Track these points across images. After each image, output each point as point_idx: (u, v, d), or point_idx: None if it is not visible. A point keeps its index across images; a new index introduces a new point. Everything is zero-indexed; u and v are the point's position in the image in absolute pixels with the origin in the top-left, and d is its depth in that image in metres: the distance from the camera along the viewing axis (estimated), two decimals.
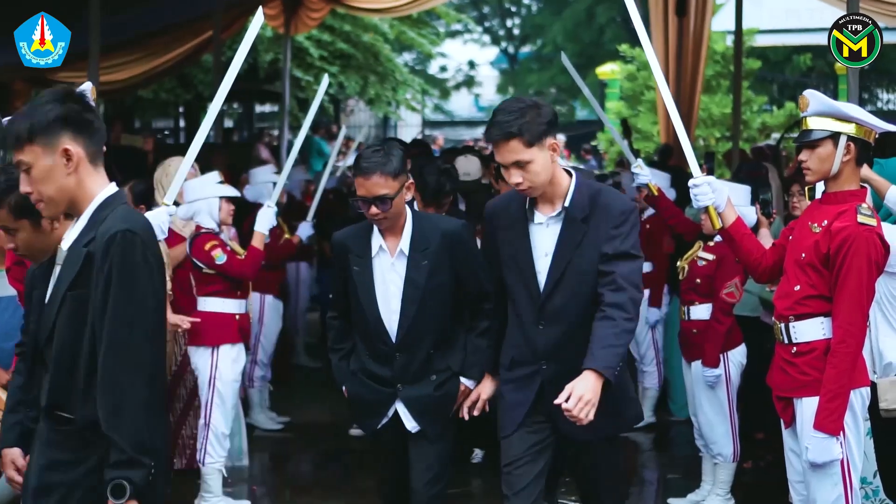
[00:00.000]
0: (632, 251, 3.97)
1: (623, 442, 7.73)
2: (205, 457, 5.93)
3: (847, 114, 4.12)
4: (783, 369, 4.24)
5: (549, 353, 4.04)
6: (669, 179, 8.08)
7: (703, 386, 5.90)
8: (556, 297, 4.00)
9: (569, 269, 3.97)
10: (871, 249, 4.04)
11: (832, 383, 4.03)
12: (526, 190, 3.97)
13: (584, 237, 3.97)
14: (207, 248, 5.86)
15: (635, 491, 6.94)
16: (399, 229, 4.35)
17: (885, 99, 21.62)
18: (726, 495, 6.01)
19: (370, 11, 13.45)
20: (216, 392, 5.93)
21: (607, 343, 3.82)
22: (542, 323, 4.03)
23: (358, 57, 17.40)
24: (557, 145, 3.98)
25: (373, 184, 4.23)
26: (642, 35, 4.41)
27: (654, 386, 8.11)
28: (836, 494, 4.10)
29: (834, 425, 4.02)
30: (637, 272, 3.97)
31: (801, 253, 4.17)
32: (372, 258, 4.36)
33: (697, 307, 5.96)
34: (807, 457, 4.10)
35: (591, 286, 3.95)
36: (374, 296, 4.34)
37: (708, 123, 16.75)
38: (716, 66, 17.09)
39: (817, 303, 4.14)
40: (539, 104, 3.97)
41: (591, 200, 3.99)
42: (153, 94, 16.52)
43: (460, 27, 30.38)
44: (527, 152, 3.89)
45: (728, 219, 4.37)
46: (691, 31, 12.38)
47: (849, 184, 4.17)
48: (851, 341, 4.05)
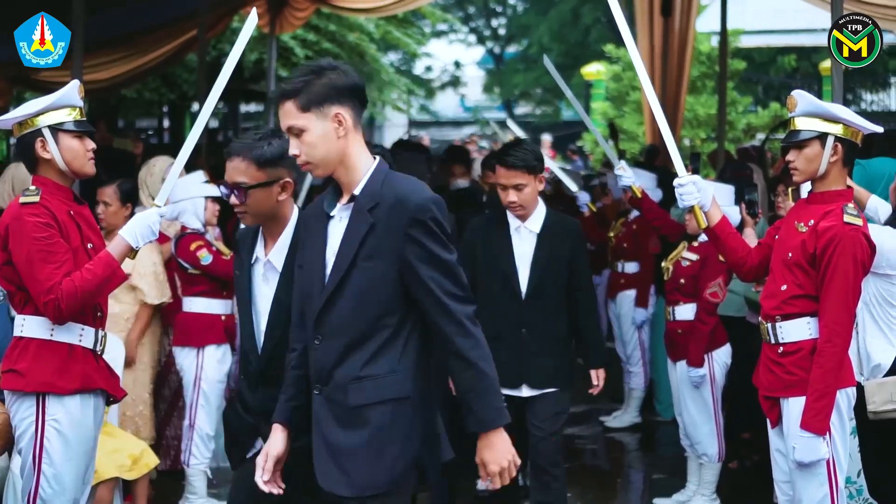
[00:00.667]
0: None
1: (609, 442, 7.82)
2: (189, 458, 5.91)
3: (835, 114, 4.13)
4: (770, 369, 4.24)
5: (324, 375, 3.28)
6: (655, 180, 8.10)
7: (689, 386, 5.90)
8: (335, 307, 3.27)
9: None
10: (857, 249, 4.05)
11: (819, 383, 4.04)
12: (303, 166, 3.30)
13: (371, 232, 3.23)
14: (193, 249, 5.83)
15: (621, 491, 6.95)
16: (276, 235, 3.73)
17: (868, 100, 21.68)
18: (711, 495, 6.01)
19: (355, 11, 13.41)
20: (201, 393, 5.91)
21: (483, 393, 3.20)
22: (317, 338, 3.31)
23: (343, 57, 17.33)
24: (345, 118, 3.25)
25: (232, 167, 3.68)
26: (627, 36, 4.39)
27: (640, 386, 8.12)
28: (821, 494, 4.11)
29: (821, 425, 4.03)
30: None
31: (788, 252, 4.18)
32: (251, 265, 3.76)
33: (682, 307, 5.97)
34: (794, 456, 4.10)
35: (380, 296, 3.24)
36: (248, 310, 3.73)
37: (693, 124, 16.78)
38: (701, 67, 17.12)
39: (804, 302, 4.14)
40: (339, 68, 3.30)
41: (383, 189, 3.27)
42: (137, 94, 16.46)
43: (446, 27, 30.38)
44: (301, 117, 3.24)
45: (713, 218, 4.37)
46: (676, 32, 12.40)
47: (836, 184, 4.18)
48: (838, 340, 4.05)
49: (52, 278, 3.90)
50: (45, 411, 4.02)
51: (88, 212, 4.24)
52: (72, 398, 4.06)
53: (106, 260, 4.01)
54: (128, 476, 5.37)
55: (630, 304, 8.02)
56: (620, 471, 7.39)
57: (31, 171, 4.13)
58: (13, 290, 4.08)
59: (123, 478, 5.36)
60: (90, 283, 3.95)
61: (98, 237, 4.24)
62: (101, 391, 4.19)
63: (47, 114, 4.05)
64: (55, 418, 4.03)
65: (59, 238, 3.98)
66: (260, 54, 15.51)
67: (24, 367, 4.02)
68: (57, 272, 3.92)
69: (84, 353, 4.10)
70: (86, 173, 4.16)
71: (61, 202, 4.06)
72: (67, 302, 3.92)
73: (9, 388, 4.06)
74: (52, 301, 3.90)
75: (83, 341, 4.09)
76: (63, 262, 3.96)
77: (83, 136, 4.11)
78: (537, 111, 32.09)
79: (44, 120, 4.04)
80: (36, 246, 3.92)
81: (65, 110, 4.07)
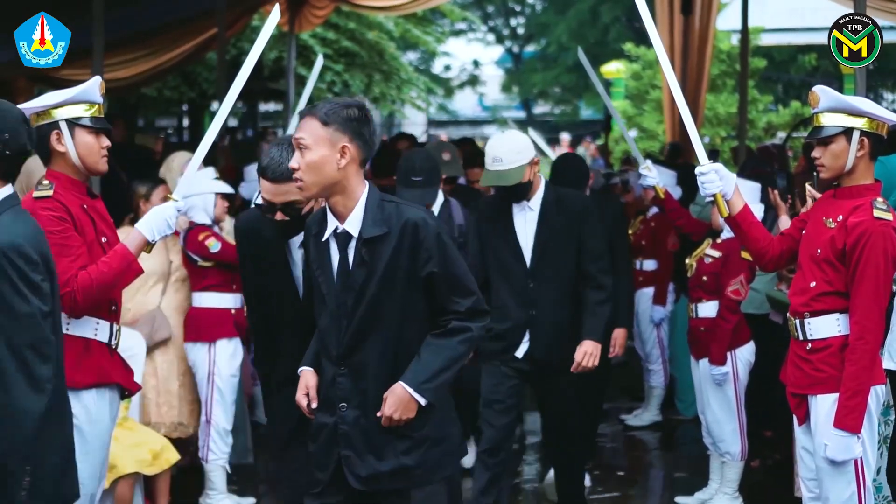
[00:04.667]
0: None
1: (630, 440, 7.79)
2: (208, 454, 5.91)
3: (859, 108, 4.07)
4: (798, 366, 4.20)
5: None
6: (675, 177, 8.07)
7: (711, 384, 5.87)
8: None
9: None
10: (887, 244, 3.99)
11: (852, 381, 3.99)
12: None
13: None
14: (201, 239, 5.83)
15: (642, 490, 6.92)
16: None
17: (889, 99, 21.57)
18: (734, 494, 5.98)
19: (375, 9, 13.41)
20: (216, 388, 5.90)
21: None
22: None
23: (362, 55, 17.37)
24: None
25: None
26: (651, 30, 4.37)
27: (660, 384, 8.08)
28: (849, 492, 4.07)
29: (854, 423, 3.98)
30: None
31: (817, 248, 4.13)
32: None
33: (704, 304, 5.93)
34: (825, 454, 4.05)
35: None
36: None
37: (713, 122, 16.72)
38: (721, 65, 17.06)
39: (833, 299, 4.09)
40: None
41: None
42: (157, 92, 16.49)
43: (465, 26, 30.38)
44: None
45: (735, 207, 4.32)
46: (696, 30, 12.35)
47: (863, 178, 4.12)
48: (870, 337, 4.00)
49: (68, 271, 3.90)
50: None
51: (102, 206, 4.24)
52: (87, 392, 4.05)
53: (122, 253, 4.02)
54: (148, 471, 5.37)
55: (648, 301, 7.99)
56: (641, 469, 7.36)
57: (45, 163, 4.13)
58: None
59: (143, 473, 5.37)
60: (106, 276, 3.95)
61: (112, 231, 4.23)
62: (116, 385, 4.18)
63: (65, 107, 4.04)
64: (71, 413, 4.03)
65: (73, 232, 3.98)
66: (279, 53, 15.52)
67: None
68: (72, 265, 3.92)
69: (99, 347, 4.10)
70: (98, 171, 4.15)
71: (75, 196, 4.06)
72: (83, 294, 3.92)
73: None
74: (68, 294, 3.89)
75: (98, 335, 4.09)
76: (78, 255, 3.96)
77: (99, 133, 4.10)
78: (556, 110, 32.07)
79: (61, 113, 4.04)
80: (51, 240, 3.90)
81: (83, 105, 4.07)
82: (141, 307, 6.03)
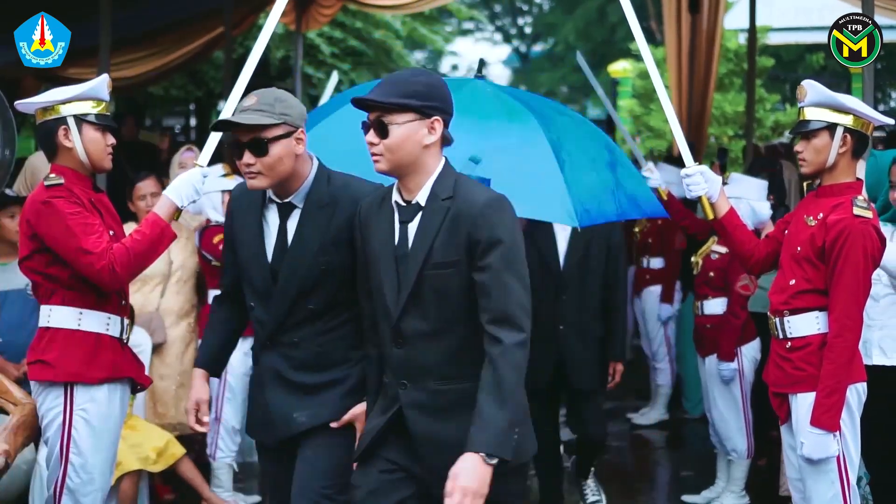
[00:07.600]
0: None
1: (637, 439, 7.78)
2: (216, 451, 5.91)
3: (845, 105, 4.07)
4: (778, 365, 4.18)
5: None
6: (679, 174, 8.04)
7: (718, 382, 5.86)
8: None
9: None
10: (867, 242, 3.98)
11: (829, 378, 3.97)
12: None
13: None
14: (215, 242, 5.84)
15: (648, 488, 6.92)
16: None
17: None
18: (741, 492, 5.97)
19: (382, 8, 13.40)
20: (227, 386, 5.91)
21: None
22: None
23: (369, 54, 17.37)
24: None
25: None
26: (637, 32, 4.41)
27: (667, 383, 8.07)
28: (832, 492, 4.03)
29: (831, 421, 3.95)
30: None
31: (797, 247, 4.11)
32: None
33: (711, 301, 5.93)
34: (802, 452, 4.02)
35: None
36: None
37: (721, 121, 16.69)
38: (728, 64, 17.02)
39: (812, 297, 4.07)
40: None
41: None
42: (164, 91, 16.51)
43: (472, 25, 30.37)
44: None
45: (721, 209, 4.32)
46: (704, 29, 12.32)
47: (845, 176, 4.11)
48: (848, 335, 3.98)
49: (100, 244, 3.89)
50: (74, 401, 4.02)
51: (108, 200, 4.25)
52: (99, 387, 4.06)
53: (153, 219, 3.99)
54: (153, 468, 5.39)
55: (655, 300, 7.99)
56: (648, 468, 7.35)
57: (50, 158, 4.13)
58: (39, 280, 4.08)
59: (149, 470, 5.38)
60: (141, 244, 3.93)
61: (118, 225, 4.23)
62: (127, 379, 4.19)
63: (73, 103, 4.05)
64: (83, 408, 4.03)
65: (89, 215, 3.98)
66: (286, 51, 15.53)
67: (53, 357, 4.01)
68: (101, 240, 3.91)
69: (111, 342, 4.10)
70: (103, 167, 4.16)
71: (81, 190, 4.06)
72: (122, 265, 3.89)
73: (37, 378, 4.06)
74: (106, 266, 3.87)
75: (110, 330, 4.10)
76: (102, 231, 3.96)
77: (105, 130, 4.12)
78: None
79: (68, 109, 4.05)
80: (73, 220, 3.90)
81: (90, 102, 4.08)
82: (140, 308, 6.02)
